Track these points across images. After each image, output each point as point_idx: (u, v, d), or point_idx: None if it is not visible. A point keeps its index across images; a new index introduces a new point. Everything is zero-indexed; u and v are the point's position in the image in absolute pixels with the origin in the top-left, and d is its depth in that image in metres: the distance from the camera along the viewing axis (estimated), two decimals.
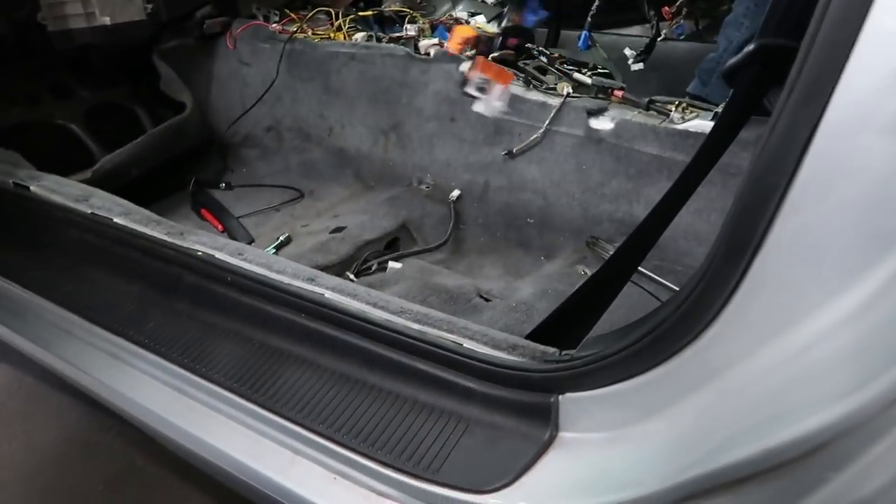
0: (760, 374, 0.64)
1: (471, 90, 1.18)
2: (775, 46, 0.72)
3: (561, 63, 1.83)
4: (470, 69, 1.16)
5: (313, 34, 2.10)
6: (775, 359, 0.63)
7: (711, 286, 0.69)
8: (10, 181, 1.55)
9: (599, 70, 1.82)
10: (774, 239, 0.62)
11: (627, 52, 1.92)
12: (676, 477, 0.72)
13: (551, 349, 0.97)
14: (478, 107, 1.19)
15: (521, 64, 1.86)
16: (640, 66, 1.90)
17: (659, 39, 1.92)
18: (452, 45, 1.17)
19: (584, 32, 1.95)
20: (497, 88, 1.19)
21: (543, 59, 1.86)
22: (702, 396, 0.72)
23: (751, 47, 0.73)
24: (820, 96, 0.57)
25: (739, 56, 0.73)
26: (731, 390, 0.68)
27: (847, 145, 0.57)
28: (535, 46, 1.93)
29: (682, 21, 1.96)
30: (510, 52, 1.95)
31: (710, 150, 0.92)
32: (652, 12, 1.82)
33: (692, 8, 1.93)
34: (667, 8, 1.83)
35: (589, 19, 1.95)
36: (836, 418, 0.56)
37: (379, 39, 2.02)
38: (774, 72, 0.75)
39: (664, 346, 0.76)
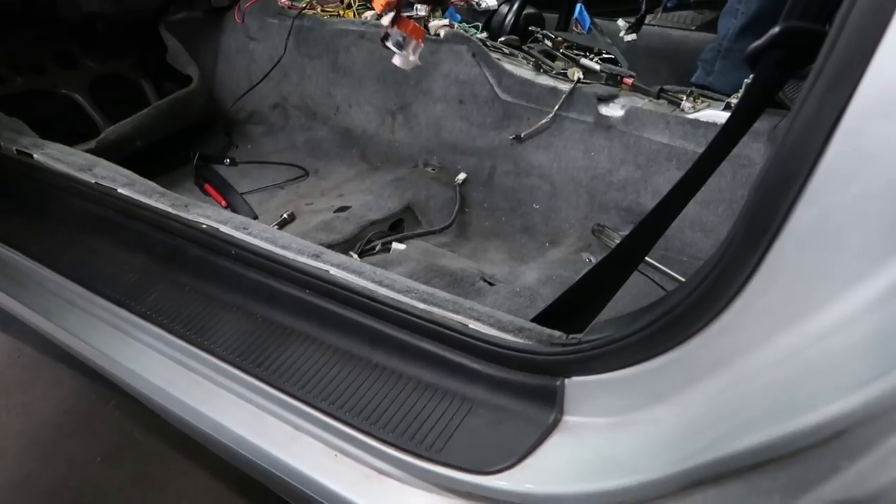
0: (775, 362, 0.63)
1: (390, 45, 1.22)
2: (800, 30, 0.71)
3: (567, 48, 1.82)
4: (390, 26, 1.21)
5: (322, 11, 2.07)
6: (791, 347, 0.62)
7: (727, 272, 0.68)
8: (14, 148, 1.53)
9: (605, 55, 1.80)
10: (794, 225, 0.61)
11: (620, 22, 1.95)
12: (684, 463, 0.71)
13: (557, 333, 0.96)
14: (396, 60, 1.24)
15: (526, 48, 1.84)
16: (634, 36, 1.92)
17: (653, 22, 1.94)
18: (377, 6, 1.23)
19: (578, 5, 1.93)
20: (412, 44, 1.24)
21: (548, 42, 1.84)
22: (712, 383, 0.71)
23: (775, 30, 0.72)
24: (848, 81, 0.56)
25: (763, 39, 0.72)
26: (744, 377, 0.67)
27: (874, 132, 0.56)
28: (538, 30, 1.91)
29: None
30: (515, 37, 1.93)
31: (726, 138, 0.91)
32: None
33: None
34: None
35: None
36: (853, 407, 0.55)
37: None
38: (799, 57, 0.74)
39: (675, 331, 0.75)
